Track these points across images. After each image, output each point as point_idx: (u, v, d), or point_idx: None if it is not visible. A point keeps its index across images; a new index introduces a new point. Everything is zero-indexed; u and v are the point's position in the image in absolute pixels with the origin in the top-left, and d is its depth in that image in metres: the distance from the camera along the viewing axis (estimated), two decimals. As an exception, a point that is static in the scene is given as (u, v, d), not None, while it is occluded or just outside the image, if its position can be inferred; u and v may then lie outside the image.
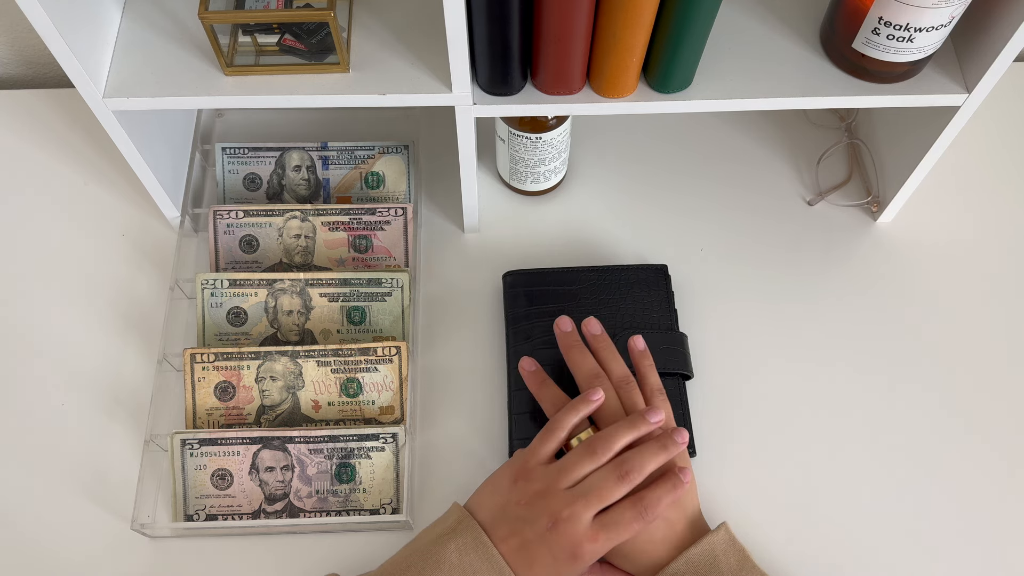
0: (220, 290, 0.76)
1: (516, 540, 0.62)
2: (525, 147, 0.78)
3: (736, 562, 0.64)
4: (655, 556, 0.64)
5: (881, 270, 0.82)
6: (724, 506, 0.71)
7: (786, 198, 0.86)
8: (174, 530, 0.71)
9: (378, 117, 0.90)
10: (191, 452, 0.70)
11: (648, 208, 0.86)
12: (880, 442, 0.75)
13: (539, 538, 0.61)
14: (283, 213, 0.79)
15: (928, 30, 0.62)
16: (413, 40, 0.69)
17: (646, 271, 0.79)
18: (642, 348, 0.72)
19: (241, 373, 0.73)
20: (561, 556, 0.61)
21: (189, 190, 0.83)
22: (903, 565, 0.70)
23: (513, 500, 0.63)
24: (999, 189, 0.87)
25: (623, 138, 0.89)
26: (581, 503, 0.62)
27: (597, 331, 0.73)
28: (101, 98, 0.67)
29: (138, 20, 0.70)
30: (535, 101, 0.68)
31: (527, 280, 0.79)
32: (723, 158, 0.88)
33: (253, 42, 0.68)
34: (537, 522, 0.62)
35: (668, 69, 0.65)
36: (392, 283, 0.76)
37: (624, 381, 0.70)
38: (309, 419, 0.74)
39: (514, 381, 0.75)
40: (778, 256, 0.83)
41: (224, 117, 0.90)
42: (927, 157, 0.75)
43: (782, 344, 0.79)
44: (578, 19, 0.61)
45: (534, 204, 0.86)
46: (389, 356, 0.73)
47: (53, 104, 0.91)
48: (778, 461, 0.74)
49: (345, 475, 0.71)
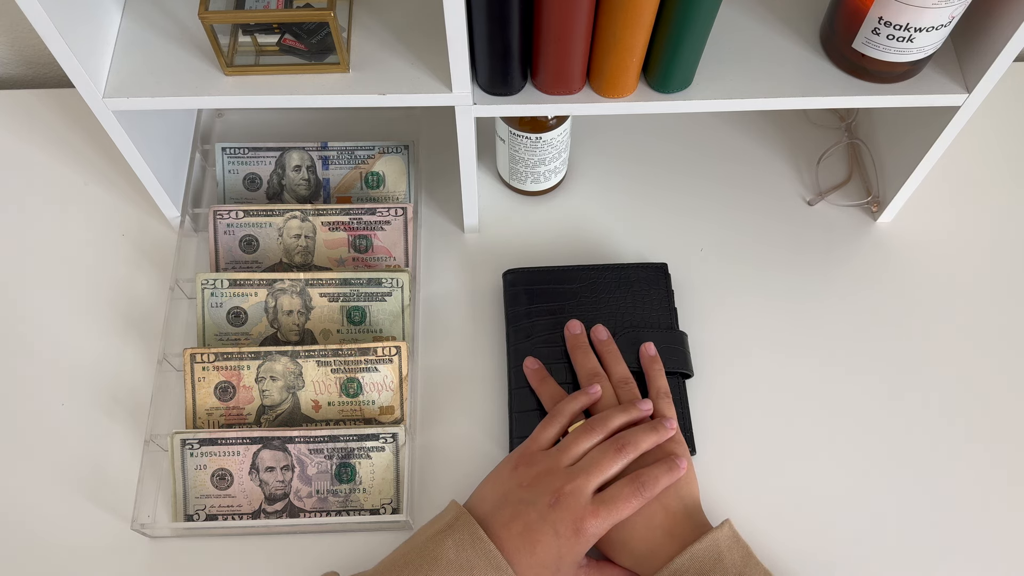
0: (220, 290, 0.76)
1: (519, 524, 0.63)
2: (525, 147, 0.78)
3: (740, 558, 0.64)
4: (654, 544, 0.65)
5: (881, 270, 0.82)
6: (724, 504, 0.71)
7: (786, 198, 0.86)
8: (174, 530, 0.71)
9: (378, 117, 0.90)
10: (191, 452, 0.70)
11: (648, 208, 0.86)
12: (880, 441, 0.75)
13: (541, 517, 0.63)
14: (283, 213, 0.79)
15: (928, 30, 0.62)
16: (413, 40, 0.69)
17: (646, 269, 0.79)
18: (653, 354, 0.75)
19: (241, 373, 0.73)
20: (564, 533, 0.62)
21: (189, 190, 0.83)
22: (903, 564, 0.70)
23: (515, 485, 0.65)
24: (999, 189, 0.87)
25: (623, 138, 0.89)
26: (582, 477, 0.64)
27: (604, 337, 0.75)
28: (101, 98, 0.67)
29: (138, 20, 0.70)
30: (535, 101, 0.68)
31: (527, 278, 0.79)
32: (723, 158, 0.88)
33: (253, 42, 0.68)
34: (539, 501, 0.64)
35: (668, 69, 0.65)
36: (392, 283, 0.76)
37: (623, 382, 0.72)
38: (309, 419, 0.74)
39: (514, 380, 0.75)
40: (778, 256, 0.83)
41: (224, 117, 0.90)
42: (927, 157, 0.75)
43: (782, 343, 0.79)
44: (578, 19, 0.61)
45: (534, 204, 0.86)
46: (389, 356, 0.73)
47: (53, 104, 0.91)
48: (778, 459, 0.74)
49: (345, 475, 0.71)
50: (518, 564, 0.62)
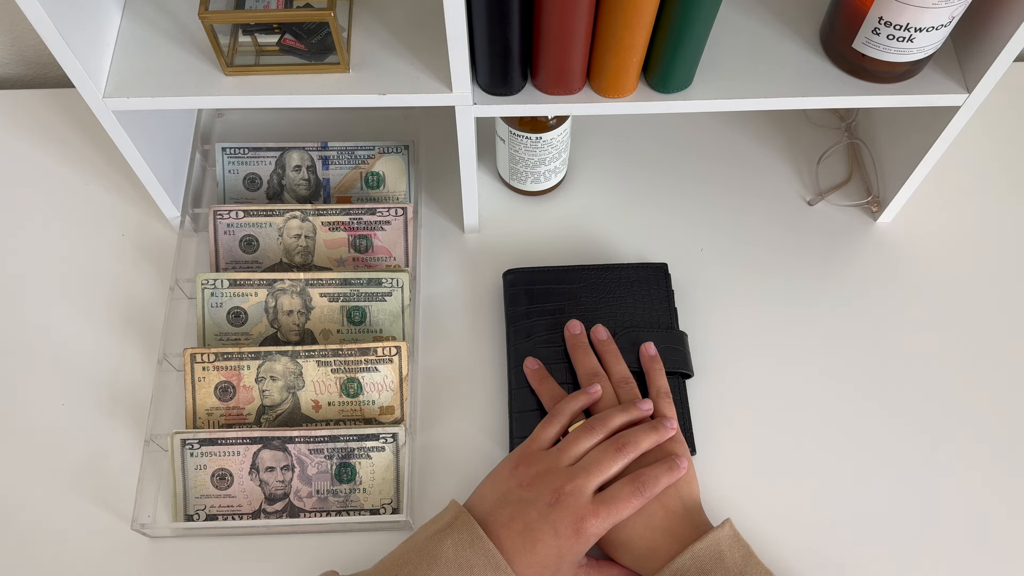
0: (220, 290, 0.76)
1: (519, 523, 0.63)
2: (525, 147, 0.78)
3: (741, 558, 0.64)
4: (654, 544, 0.65)
5: (881, 270, 0.82)
6: (724, 504, 0.71)
7: (786, 198, 0.86)
8: (174, 530, 0.71)
9: (378, 117, 0.90)
10: (191, 452, 0.70)
11: (648, 208, 0.86)
12: (880, 440, 0.75)
13: (542, 516, 0.63)
14: (283, 213, 0.79)
15: (928, 30, 0.62)
16: (413, 40, 0.69)
17: (646, 269, 0.79)
18: (653, 354, 0.75)
19: (241, 373, 0.73)
20: (564, 532, 0.62)
21: (189, 190, 0.83)
22: (903, 563, 0.70)
23: (515, 484, 0.65)
24: (999, 189, 0.87)
25: (623, 138, 0.89)
26: (583, 476, 0.64)
27: (603, 337, 0.75)
28: (101, 98, 0.67)
29: (138, 20, 0.70)
30: (535, 101, 0.68)
31: (527, 278, 0.79)
32: (723, 158, 0.88)
33: (253, 42, 0.68)
34: (539, 500, 0.64)
35: (668, 69, 0.65)
36: (392, 283, 0.76)
37: (623, 381, 0.72)
38: (309, 419, 0.74)
39: (514, 379, 0.75)
40: (778, 256, 0.83)
41: (224, 117, 0.90)
42: (927, 157, 0.75)
43: (782, 343, 0.79)
44: (578, 19, 0.61)
45: (534, 204, 0.86)
46: (389, 356, 0.73)
47: (53, 104, 0.91)
48: (777, 459, 0.74)
49: (345, 475, 0.71)
50: (518, 563, 0.62)
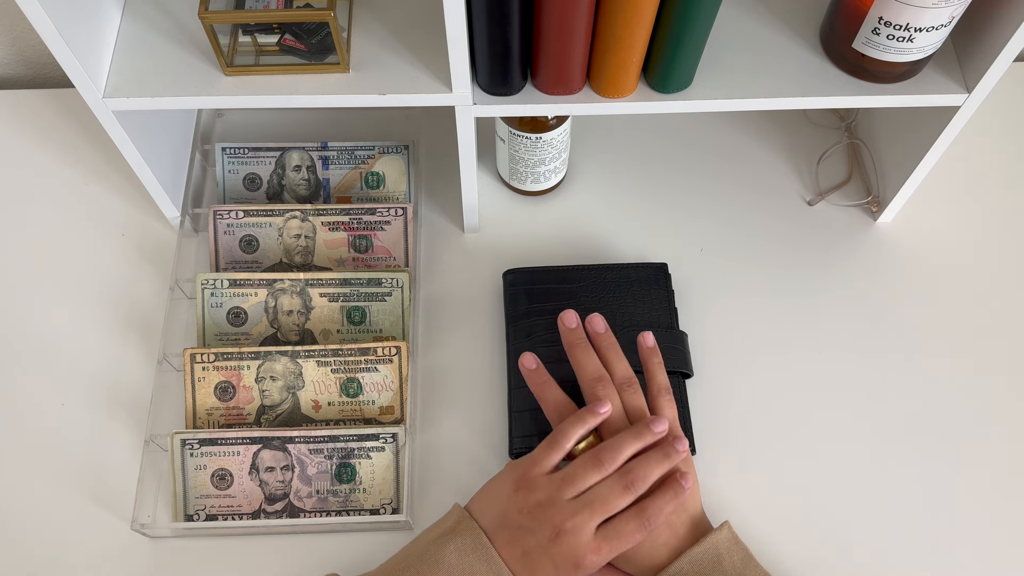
0: (220, 290, 0.76)
1: (518, 548, 0.62)
2: (525, 147, 0.78)
3: (739, 560, 0.64)
4: (658, 559, 0.64)
5: (881, 270, 0.82)
6: (723, 504, 0.71)
7: (786, 198, 0.86)
8: (174, 530, 0.71)
9: (378, 117, 0.90)
10: (191, 452, 0.70)
11: (648, 208, 0.86)
12: (880, 440, 0.75)
13: (541, 548, 0.61)
14: (283, 213, 0.79)
15: (928, 30, 0.62)
16: (413, 40, 0.69)
17: (646, 269, 0.79)
18: (651, 345, 0.71)
19: (241, 373, 0.73)
20: (563, 566, 0.61)
21: (189, 190, 0.83)
22: (904, 563, 0.70)
23: (514, 509, 0.63)
24: (999, 189, 0.87)
25: (623, 138, 0.89)
26: (586, 514, 0.61)
27: (601, 329, 0.71)
28: (101, 98, 0.67)
29: (138, 20, 0.70)
30: (535, 101, 0.68)
31: (527, 278, 0.79)
32: (723, 158, 0.88)
33: (253, 42, 0.68)
34: (539, 532, 0.61)
35: (668, 69, 0.65)
36: (392, 283, 0.76)
37: (627, 383, 0.69)
38: (309, 419, 0.74)
39: (514, 379, 0.75)
40: (778, 256, 0.83)
41: (224, 117, 0.90)
42: (927, 157, 0.75)
43: (782, 343, 0.79)
44: (578, 19, 0.61)
45: (534, 204, 0.86)
46: (389, 356, 0.73)
47: (53, 104, 0.91)
48: (778, 459, 0.74)
49: (345, 475, 0.71)
50: None
